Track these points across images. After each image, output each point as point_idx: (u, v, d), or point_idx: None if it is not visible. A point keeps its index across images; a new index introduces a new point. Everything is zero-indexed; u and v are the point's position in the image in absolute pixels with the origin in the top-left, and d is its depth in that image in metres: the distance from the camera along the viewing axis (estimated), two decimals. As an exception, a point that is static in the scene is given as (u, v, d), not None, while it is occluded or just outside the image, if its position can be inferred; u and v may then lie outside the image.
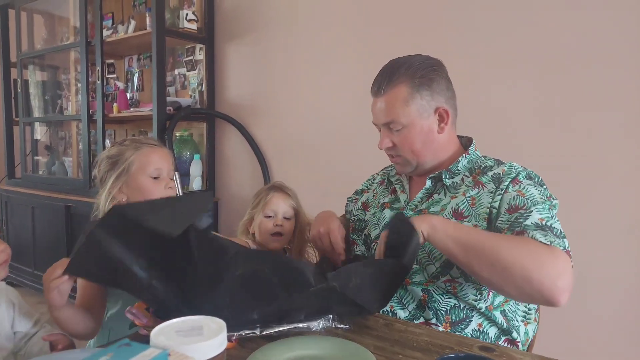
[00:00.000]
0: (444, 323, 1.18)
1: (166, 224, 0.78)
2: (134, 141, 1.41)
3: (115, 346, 0.54)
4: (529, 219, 1.08)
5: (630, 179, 1.92)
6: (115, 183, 1.35)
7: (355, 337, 0.95)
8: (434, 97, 1.26)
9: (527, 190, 1.15)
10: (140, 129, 3.75)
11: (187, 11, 3.16)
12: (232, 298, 0.87)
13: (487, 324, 1.19)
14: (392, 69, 1.28)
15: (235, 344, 0.91)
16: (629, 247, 1.93)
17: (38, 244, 3.64)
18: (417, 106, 1.25)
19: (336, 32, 2.75)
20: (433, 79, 1.26)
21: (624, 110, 1.92)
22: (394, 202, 1.39)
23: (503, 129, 2.18)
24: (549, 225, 1.07)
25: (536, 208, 1.11)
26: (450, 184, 1.28)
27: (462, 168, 1.29)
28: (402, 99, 1.24)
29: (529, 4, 2.11)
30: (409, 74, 1.25)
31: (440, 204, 1.26)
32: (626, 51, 1.91)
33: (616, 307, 1.96)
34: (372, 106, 1.32)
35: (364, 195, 1.53)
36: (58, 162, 3.94)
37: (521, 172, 1.21)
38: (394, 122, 1.26)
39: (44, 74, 4.10)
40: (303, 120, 2.93)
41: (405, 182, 1.40)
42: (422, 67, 1.26)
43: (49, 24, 4.10)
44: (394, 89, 1.25)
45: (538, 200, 1.13)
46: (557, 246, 1.01)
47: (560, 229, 1.09)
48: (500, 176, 1.21)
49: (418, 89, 1.24)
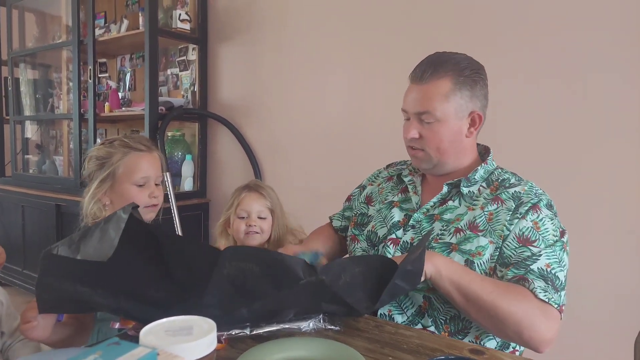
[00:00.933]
0: (442, 332, 1.18)
1: (97, 251, 0.77)
2: (123, 144, 1.38)
3: (104, 345, 0.53)
4: (536, 264, 1.11)
5: (624, 184, 1.93)
6: (100, 186, 1.35)
7: (346, 338, 0.95)
8: (473, 99, 1.24)
9: (544, 224, 1.15)
10: (132, 129, 3.74)
11: (180, 11, 3.15)
12: (220, 296, 0.87)
13: (486, 337, 1.18)
14: (439, 60, 1.24)
15: (225, 345, 0.91)
16: (620, 252, 1.94)
17: (28, 243, 3.61)
18: (455, 104, 1.22)
19: (328, 34, 2.75)
20: (477, 82, 1.24)
21: (622, 109, 1.93)
22: (404, 202, 1.35)
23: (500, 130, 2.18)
24: (553, 274, 1.10)
25: (546, 252, 1.12)
26: (466, 193, 1.25)
27: (479, 178, 1.27)
28: (443, 93, 1.21)
29: (525, 5, 2.12)
30: (456, 71, 1.22)
31: (455, 212, 1.24)
32: (624, 49, 1.92)
33: (606, 311, 1.97)
34: (407, 92, 1.27)
35: (368, 189, 1.49)
36: (49, 161, 3.92)
37: (543, 200, 1.20)
38: (429, 113, 1.22)
39: (35, 72, 4.08)
40: (295, 122, 2.93)
41: (418, 184, 1.36)
42: (469, 68, 1.23)
43: (40, 22, 4.07)
44: (438, 80, 1.21)
45: (550, 240, 1.14)
46: (553, 304, 1.07)
47: (562, 278, 1.12)
48: (521, 195, 1.20)
49: (461, 87, 1.21)
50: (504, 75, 2.17)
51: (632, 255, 1.91)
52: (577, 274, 1.99)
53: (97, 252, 0.78)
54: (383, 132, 2.47)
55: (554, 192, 2.02)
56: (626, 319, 1.89)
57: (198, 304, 0.85)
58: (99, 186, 1.35)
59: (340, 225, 1.56)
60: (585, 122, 1.99)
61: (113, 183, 1.35)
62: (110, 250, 0.76)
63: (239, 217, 1.60)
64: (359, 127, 2.64)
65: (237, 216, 1.60)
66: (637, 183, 1.90)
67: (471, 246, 1.16)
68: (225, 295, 0.87)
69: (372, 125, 2.55)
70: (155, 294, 0.86)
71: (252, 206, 1.59)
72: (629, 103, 1.91)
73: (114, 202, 1.36)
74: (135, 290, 0.86)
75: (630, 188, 1.91)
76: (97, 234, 0.80)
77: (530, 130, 2.12)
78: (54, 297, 0.86)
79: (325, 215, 1.64)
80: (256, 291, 0.89)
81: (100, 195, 1.35)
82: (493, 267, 1.15)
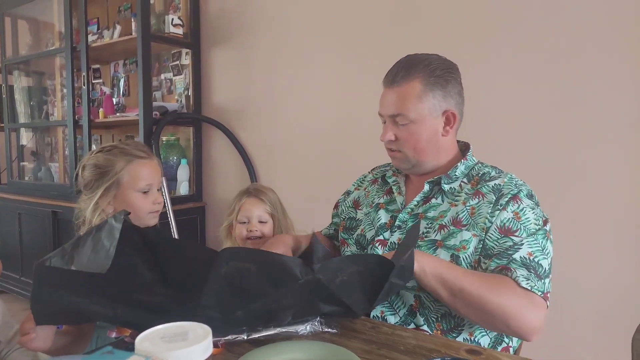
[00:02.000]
0: (435, 330, 1.18)
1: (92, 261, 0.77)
2: (123, 152, 1.38)
3: (97, 354, 0.54)
4: (518, 253, 1.12)
5: (618, 182, 1.94)
6: (104, 196, 1.34)
7: (343, 340, 0.95)
8: (446, 99, 1.26)
9: (524, 213, 1.17)
10: (126, 134, 3.74)
11: (172, 16, 3.15)
12: (218, 296, 0.86)
13: (479, 333, 1.19)
14: (410, 62, 1.27)
15: (222, 350, 0.91)
16: (614, 249, 1.95)
17: (25, 250, 3.61)
18: (429, 104, 1.24)
19: (319, 37, 2.76)
20: (449, 81, 1.26)
21: (619, 109, 1.93)
22: (390, 204, 1.37)
23: (495, 127, 2.19)
24: (536, 262, 1.11)
25: (528, 241, 1.13)
26: (448, 190, 1.27)
27: (459, 174, 1.29)
28: (416, 95, 1.23)
29: (514, 3, 2.13)
30: (427, 71, 1.24)
31: (438, 209, 1.26)
32: (623, 46, 1.93)
33: (603, 309, 1.97)
34: (382, 96, 1.30)
35: (355, 193, 1.52)
36: (44, 168, 3.91)
37: (522, 190, 1.21)
38: (402, 115, 1.24)
39: (29, 79, 4.07)
40: (289, 125, 2.93)
41: (402, 184, 1.38)
42: (440, 67, 1.26)
43: (33, 30, 4.07)
44: (410, 82, 1.24)
45: (532, 229, 1.15)
46: (536, 291, 1.08)
47: (546, 266, 1.12)
48: (501, 187, 1.21)
49: (432, 87, 1.24)
50: (494, 71, 2.18)
51: (629, 252, 1.91)
52: (575, 272, 2.00)
53: (92, 263, 0.77)
54: (375, 134, 2.45)
55: (548, 190, 2.04)
56: (624, 316, 1.89)
57: (196, 306, 0.85)
58: (103, 195, 1.34)
59: (330, 233, 1.58)
60: (580, 120, 2.00)
61: (117, 192, 1.34)
62: (107, 260, 0.76)
63: (240, 222, 1.62)
64: (352, 129, 2.64)
65: (239, 221, 1.62)
66: (631, 181, 1.91)
67: (455, 241, 1.18)
68: (223, 295, 0.87)
69: (364, 128, 2.55)
70: (152, 299, 0.86)
71: (252, 212, 1.60)
72: (628, 102, 1.91)
73: (117, 210, 1.35)
74: (132, 297, 0.86)
75: (625, 186, 1.92)
76: (90, 243, 0.80)
77: (527, 130, 2.12)
78: (50, 309, 0.85)
79: (319, 218, 1.64)
80: (254, 290, 0.89)
81: (104, 205, 1.34)
82: (477, 259, 1.17)
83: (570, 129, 2.02)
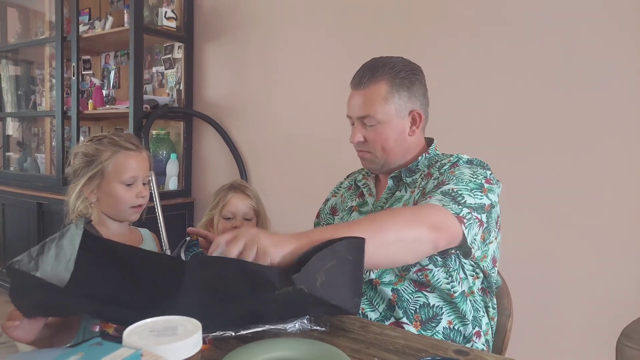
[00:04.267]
0: (414, 322, 1.20)
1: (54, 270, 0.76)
2: (112, 142, 1.37)
3: (86, 345, 0.52)
4: (441, 189, 1.13)
5: (608, 183, 1.95)
6: (88, 184, 1.34)
7: (331, 339, 0.95)
8: (411, 99, 1.30)
9: (459, 169, 1.20)
10: (116, 127, 3.70)
11: (166, 9, 3.13)
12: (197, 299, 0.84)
13: (458, 322, 1.21)
14: (375, 65, 1.31)
15: (209, 346, 0.90)
16: (600, 254, 1.96)
17: (8, 242, 3.57)
18: (395, 105, 1.28)
19: (314, 34, 2.75)
20: (413, 82, 1.30)
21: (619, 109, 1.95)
22: (362, 206, 1.41)
23: (491, 128, 2.20)
24: (457, 193, 1.11)
25: (454, 181, 1.15)
26: (410, 182, 1.32)
27: (422, 166, 1.33)
28: (382, 96, 1.27)
29: (507, 3, 2.14)
30: (392, 73, 1.28)
31: (402, 200, 1.30)
32: (621, 44, 1.94)
33: (588, 313, 1.99)
34: (349, 99, 1.34)
35: (332, 200, 1.55)
36: (30, 159, 3.87)
37: (462, 158, 1.25)
38: (370, 117, 1.28)
39: (17, 68, 4.02)
40: (281, 122, 2.92)
41: (372, 186, 1.42)
42: (404, 70, 1.30)
43: (23, 18, 4.02)
44: (376, 85, 1.28)
45: (465, 178, 1.16)
46: (449, 209, 1.06)
47: (469, 200, 1.10)
48: (444, 164, 1.25)
49: (398, 89, 1.28)
50: (487, 73, 2.19)
51: (615, 257, 1.93)
52: (561, 276, 2.02)
53: (54, 272, 0.75)
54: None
55: (541, 193, 2.05)
56: (609, 320, 1.91)
57: (175, 308, 0.83)
58: (87, 184, 1.33)
59: None
60: (579, 120, 2.01)
61: (101, 181, 1.33)
62: (66, 273, 0.74)
63: (224, 218, 1.59)
64: (345, 127, 2.63)
65: (223, 217, 1.59)
66: (618, 184, 1.92)
67: None
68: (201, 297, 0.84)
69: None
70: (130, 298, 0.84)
71: (238, 207, 1.58)
72: (628, 103, 1.93)
73: (101, 200, 1.35)
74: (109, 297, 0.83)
75: (612, 189, 1.93)
76: (53, 251, 0.78)
77: (523, 130, 2.14)
78: (29, 303, 0.84)
79: (310, 215, 1.63)
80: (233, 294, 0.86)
81: (87, 193, 1.34)
82: None
83: (566, 129, 2.03)
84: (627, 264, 1.91)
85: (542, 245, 2.06)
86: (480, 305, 1.27)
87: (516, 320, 1.38)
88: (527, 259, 2.07)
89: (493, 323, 1.32)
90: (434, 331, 1.19)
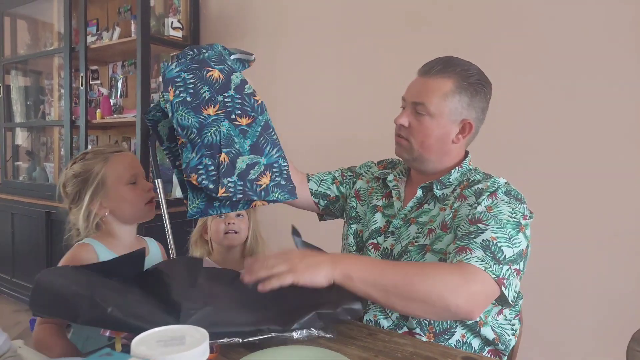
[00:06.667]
0: (427, 333, 1.18)
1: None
2: (97, 153, 1.36)
3: (95, 356, 0.53)
4: (481, 236, 1.09)
5: (615, 188, 1.94)
6: (92, 200, 1.32)
7: (339, 347, 0.95)
8: (469, 108, 1.25)
9: (497, 206, 1.15)
10: (123, 135, 3.72)
11: (172, 19, 3.15)
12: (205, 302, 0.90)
13: (471, 335, 1.19)
14: (449, 61, 1.27)
15: (217, 354, 0.90)
16: (611, 257, 1.95)
17: (17, 251, 3.58)
18: (451, 105, 1.23)
19: (319, 40, 2.76)
20: (478, 92, 1.25)
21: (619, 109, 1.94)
22: (387, 208, 1.37)
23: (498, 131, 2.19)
24: (497, 247, 1.07)
25: (494, 227, 1.10)
26: (440, 195, 1.27)
27: (453, 180, 1.28)
28: (444, 91, 1.23)
29: (515, 6, 2.14)
30: (462, 75, 1.24)
31: (429, 214, 1.26)
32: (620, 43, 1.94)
33: (599, 316, 1.98)
34: (412, 83, 1.30)
35: (358, 183, 1.49)
36: (39, 168, 3.89)
37: (501, 188, 1.19)
38: (423, 105, 1.23)
39: (26, 79, 4.06)
40: (288, 128, 2.92)
41: (402, 190, 1.38)
42: (475, 77, 1.25)
43: (32, 29, 4.06)
44: (442, 78, 1.24)
45: (503, 218, 1.12)
46: (490, 273, 1.03)
47: (509, 254, 1.07)
48: (482, 191, 1.20)
49: (461, 91, 1.23)
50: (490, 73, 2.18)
51: (626, 260, 1.92)
52: (571, 280, 2.00)
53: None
54: (372, 137, 2.46)
55: (545, 196, 2.04)
56: (620, 324, 1.89)
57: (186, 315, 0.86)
58: (91, 201, 1.32)
59: (317, 190, 1.53)
60: (580, 122, 2.01)
61: (106, 192, 1.32)
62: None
63: (216, 217, 1.60)
64: (349, 133, 2.64)
65: (214, 216, 1.60)
66: (627, 186, 1.91)
67: (442, 245, 1.18)
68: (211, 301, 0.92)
69: (361, 130, 2.56)
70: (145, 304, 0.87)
71: None
72: (628, 105, 1.92)
73: (114, 210, 1.34)
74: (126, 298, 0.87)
75: (622, 191, 1.92)
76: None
77: (526, 133, 2.13)
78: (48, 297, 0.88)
79: (312, 218, 1.63)
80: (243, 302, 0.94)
81: (96, 209, 1.33)
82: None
83: (569, 131, 2.03)
84: (636, 267, 1.90)
85: (551, 249, 2.04)
86: (505, 329, 1.23)
87: (525, 324, 1.37)
88: (536, 262, 2.05)
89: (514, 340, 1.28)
90: (446, 343, 1.18)
